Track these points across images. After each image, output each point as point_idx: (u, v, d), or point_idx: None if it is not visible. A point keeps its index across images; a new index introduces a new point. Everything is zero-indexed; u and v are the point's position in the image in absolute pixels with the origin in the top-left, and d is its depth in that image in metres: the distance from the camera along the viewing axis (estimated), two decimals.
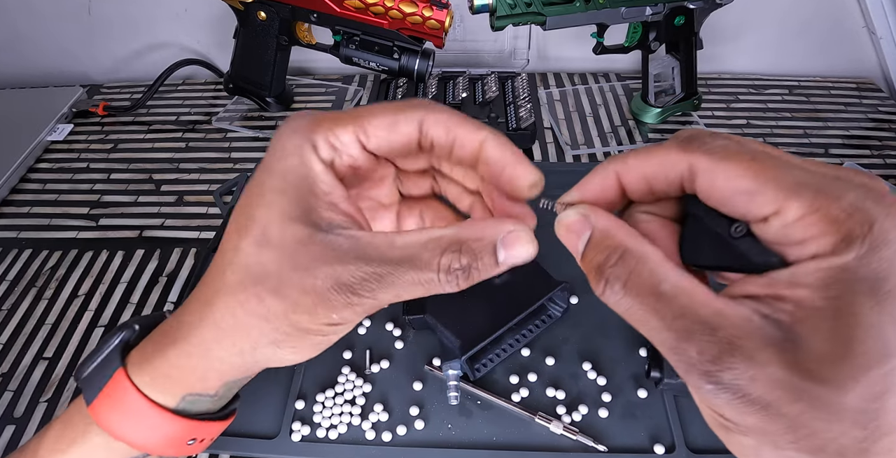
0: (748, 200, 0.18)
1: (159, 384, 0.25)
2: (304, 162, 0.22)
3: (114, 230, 0.63)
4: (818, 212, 0.17)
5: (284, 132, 0.23)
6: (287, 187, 0.22)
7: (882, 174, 0.65)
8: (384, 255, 0.21)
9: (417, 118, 0.23)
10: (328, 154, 0.23)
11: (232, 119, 0.77)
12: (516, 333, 0.49)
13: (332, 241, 0.22)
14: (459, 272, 0.21)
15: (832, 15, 0.82)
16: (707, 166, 0.19)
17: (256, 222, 0.22)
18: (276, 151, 0.23)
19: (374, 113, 0.23)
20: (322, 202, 0.22)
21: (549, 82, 0.83)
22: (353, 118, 0.23)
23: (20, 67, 0.89)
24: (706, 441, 0.43)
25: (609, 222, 0.21)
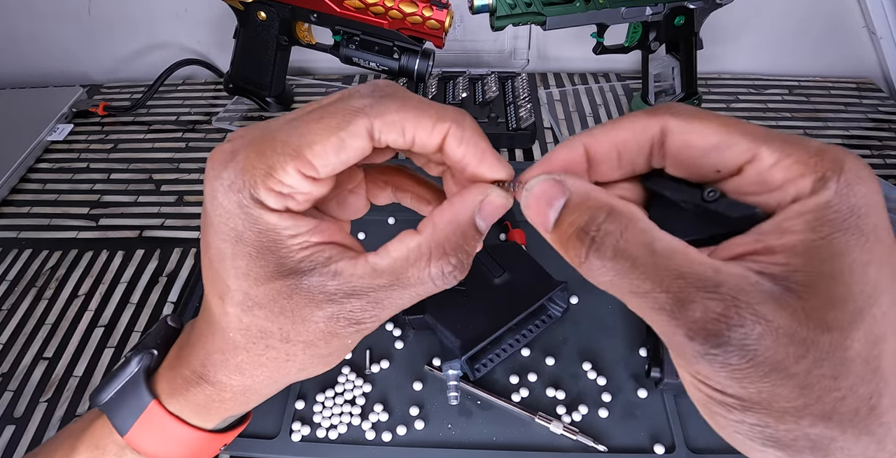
0: (721, 152, 0.19)
1: (200, 412, 0.26)
2: (254, 220, 0.20)
3: (114, 230, 0.63)
4: (791, 156, 0.18)
5: (218, 190, 0.21)
6: (246, 250, 0.21)
7: (882, 174, 0.65)
8: (373, 284, 0.21)
9: (365, 129, 0.20)
10: (277, 203, 0.20)
11: (232, 119, 0.77)
12: (516, 333, 0.49)
13: (315, 285, 0.21)
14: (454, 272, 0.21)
15: (832, 15, 0.82)
16: (678, 126, 0.19)
17: (233, 289, 0.21)
18: (220, 212, 0.21)
19: (313, 138, 0.20)
20: (291, 247, 0.21)
21: (549, 82, 0.83)
22: (290, 154, 0.20)
23: (20, 67, 0.89)
24: (706, 441, 0.43)
25: (587, 185, 0.20)
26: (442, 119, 0.21)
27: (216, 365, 0.24)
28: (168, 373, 0.26)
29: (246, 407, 0.26)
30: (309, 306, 0.21)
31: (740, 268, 0.17)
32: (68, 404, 0.48)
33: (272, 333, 0.22)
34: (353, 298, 0.21)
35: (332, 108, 0.21)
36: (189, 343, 0.26)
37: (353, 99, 0.21)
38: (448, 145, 0.21)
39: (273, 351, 0.22)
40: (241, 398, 0.25)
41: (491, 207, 0.21)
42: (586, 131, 0.21)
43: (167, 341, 0.28)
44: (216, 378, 0.24)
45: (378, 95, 0.21)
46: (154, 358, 0.27)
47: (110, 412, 0.26)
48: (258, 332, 0.22)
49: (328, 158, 0.20)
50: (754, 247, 0.18)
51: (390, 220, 0.60)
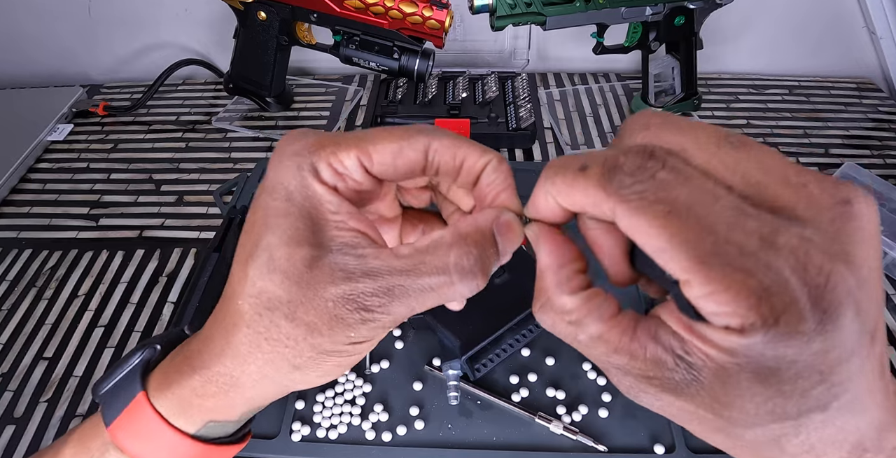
0: (662, 261, 0.17)
1: (182, 411, 0.25)
2: (305, 186, 0.22)
3: (114, 230, 0.63)
4: (728, 290, 0.16)
5: (285, 153, 0.23)
6: (291, 210, 0.22)
7: (882, 174, 0.65)
8: (390, 266, 0.21)
9: (423, 145, 0.23)
10: (331, 179, 0.22)
11: (232, 119, 0.77)
12: (516, 333, 0.49)
13: (338, 261, 0.21)
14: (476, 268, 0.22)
15: (832, 15, 0.82)
16: (624, 216, 0.18)
17: (262, 248, 0.22)
18: (278, 173, 0.22)
19: (378, 138, 0.23)
20: (329, 222, 0.22)
21: (549, 82, 0.83)
22: (356, 143, 0.22)
23: (20, 67, 0.89)
24: (706, 441, 0.43)
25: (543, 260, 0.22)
26: (487, 152, 0.23)
27: (213, 351, 0.24)
28: (163, 366, 0.26)
29: (229, 411, 0.25)
30: (324, 282, 0.21)
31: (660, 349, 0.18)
32: (68, 404, 0.48)
33: (280, 304, 0.22)
34: (368, 278, 0.21)
35: (400, 127, 0.23)
36: (196, 335, 0.26)
37: (418, 125, 0.24)
38: (486, 172, 0.23)
39: (275, 330, 0.22)
40: (225, 397, 0.24)
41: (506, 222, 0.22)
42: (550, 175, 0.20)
43: (174, 341, 0.27)
44: (209, 366, 0.24)
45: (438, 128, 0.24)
46: (156, 353, 0.27)
47: (104, 404, 0.26)
48: (267, 301, 0.22)
49: (386, 157, 0.22)
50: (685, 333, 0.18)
51: None
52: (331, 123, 0.77)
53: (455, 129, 0.70)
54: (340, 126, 0.76)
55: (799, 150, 0.72)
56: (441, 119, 0.70)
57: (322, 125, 0.76)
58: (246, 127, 0.76)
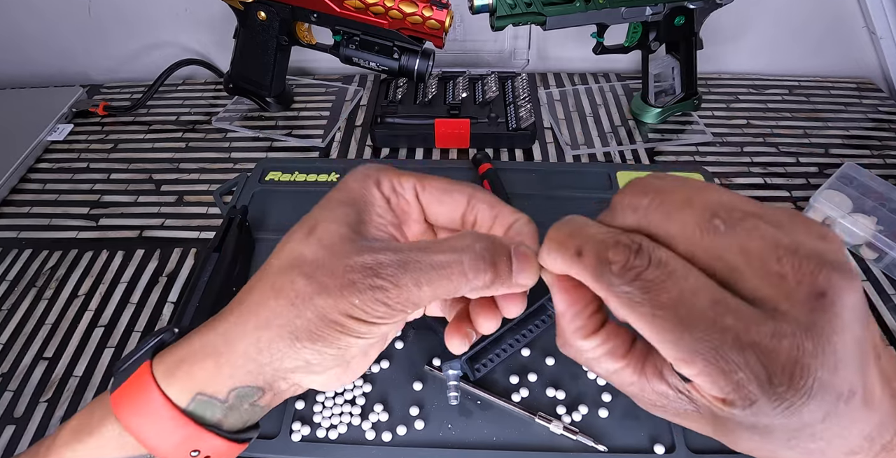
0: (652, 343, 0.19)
1: (173, 374, 0.25)
2: (365, 188, 0.27)
3: (114, 230, 0.63)
4: (710, 376, 0.18)
5: (359, 169, 0.28)
6: (346, 201, 0.26)
7: (882, 174, 0.65)
8: (411, 246, 0.24)
9: (468, 193, 0.27)
10: (388, 191, 0.27)
11: (232, 119, 0.77)
12: (516, 333, 0.49)
13: (368, 244, 0.25)
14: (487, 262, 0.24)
15: (832, 15, 0.82)
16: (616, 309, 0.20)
17: (309, 221, 0.26)
18: (348, 179, 0.27)
19: (433, 177, 0.28)
20: (373, 221, 0.26)
21: (549, 82, 0.83)
22: (416, 175, 0.28)
23: (20, 67, 0.89)
24: (706, 441, 0.43)
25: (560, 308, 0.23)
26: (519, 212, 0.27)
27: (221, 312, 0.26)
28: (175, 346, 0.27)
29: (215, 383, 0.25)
30: (351, 253, 0.24)
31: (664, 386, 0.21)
32: (68, 404, 0.48)
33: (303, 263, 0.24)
34: (389, 251, 0.24)
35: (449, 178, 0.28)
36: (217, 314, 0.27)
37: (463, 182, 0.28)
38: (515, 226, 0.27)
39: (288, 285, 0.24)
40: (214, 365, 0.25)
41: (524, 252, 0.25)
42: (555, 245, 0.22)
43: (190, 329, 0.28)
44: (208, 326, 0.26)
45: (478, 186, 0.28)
46: (174, 335, 0.28)
47: (115, 377, 0.27)
48: (293, 259, 0.24)
49: (436, 191, 0.27)
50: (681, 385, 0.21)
51: None
52: (331, 123, 0.77)
53: (455, 128, 0.70)
54: (340, 126, 0.76)
55: (799, 150, 0.72)
56: (441, 119, 0.70)
57: (322, 125, 0.76)
58: (246, 127, 0.76)
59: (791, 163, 0.71)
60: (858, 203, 0.59)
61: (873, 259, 0.59)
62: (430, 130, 0.70)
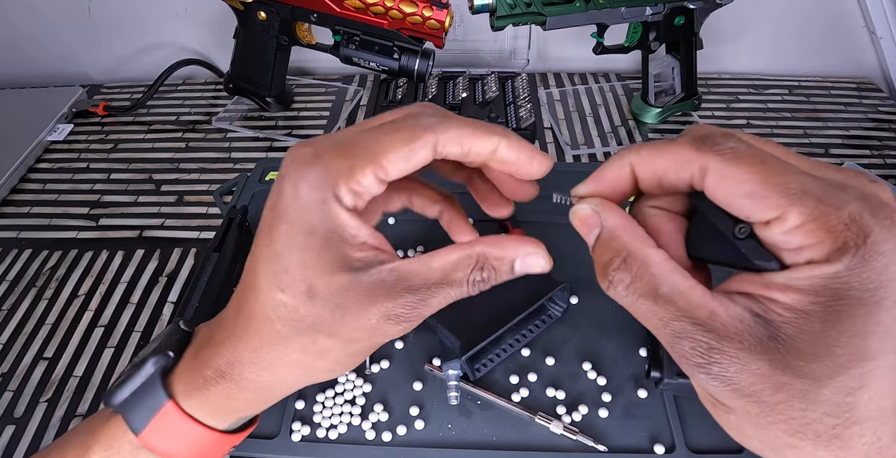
0: (753, 203, 0.19)
1: (215, 413, 0.27)
2: (330, 216, 0.23)
3: (114, 230, 0.63)
4: (817, 221, 0.18)
5: (301, 186, 0.23)
6: (318, 243, 0.23)
7: (882, 174, 0.65)
8: (426, 280, 0.23)
9: (432, 143, 0.24)
10: (352, 201, 0.23)
11: (232, 119, 0.77)
12: (516, 333, 0.49)
13: (375, 280, 0.23)
14: (481, 283, 0.24)
15: (832, 15, 0.82)
16: (717, 168, 0.20)
17: (299, 280, 0.23)
18: (298, 206, 0.23)
19: (388, 147, 0.23)
20: (353, 246, 0.23)
21: (549, 82, 0.83)
22: (369, 159, 0.23)
23: (20, 67, 0.89)
24: (706, 441, 0.43)
25: (616, 222, 0.22)
26: (493, 132, 0.24)
27: (244, 363, 0.25)
28: (186, 374, 0.27)
29: (262, 407, 0.28)
30: (366, 301, 0.23)
31: (739, 308, 0.19)
32: (68, 404, 0.48)
33: (322, 326, 0.23)
34: (408, 293, 0.23)
35: (403, 123, 0.24)
36: (212, 343, 0.27)
37: (422, 118, 0.24)
38: (501, 152, 0.24)
39: (313, 346, 0.24)
40: (262, 396, 0.27)
41: (531, 261, 0.24)
42: (635, 148, 0.23)
43: (182, 345, 0.28)
44: (241, 375, 0.25)
45: (441, 114, 0.24)
46: (170, 360, 0.27)
47: (126, 413, 0.27)
48: (310, 324, 0.23)
49: (398, 164, 0.23)
50: (762, 292, 0.19)
51: (390, 220, 0.60)
52: (331, 123, 0.77)
53: None
54: (340, 126, 0.76)
55: (799, 150, 0.72)
56: None
57: (322, 125, 0.76)
58: (246, 127, 0.76)
59: None
60: None
61: None
62: None
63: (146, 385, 0.27)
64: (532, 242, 0.24)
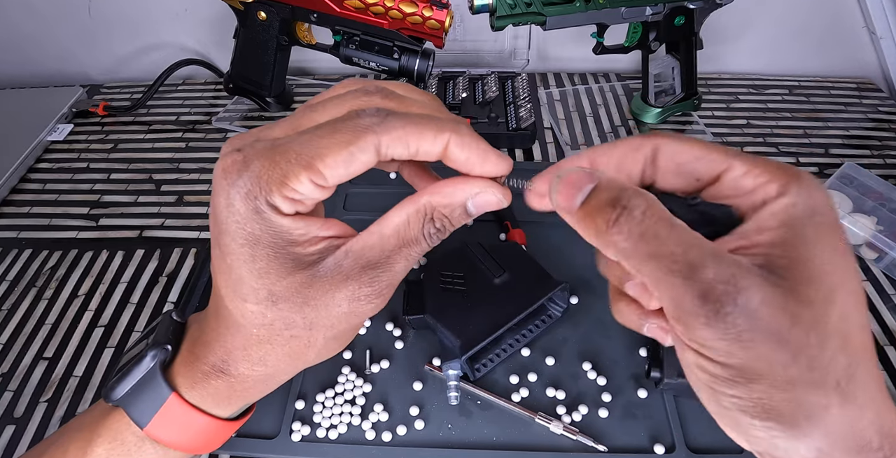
0: (703, 163, 0.22)
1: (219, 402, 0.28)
2: (271, 225, 0.22)
3: (114, 230, 0.63)
4: (758, 167, 0.21)
5: (235, 197, 0.22)
6: (266, 251, 0.23)
7: (882, 174, 0.64)
8: (383, 249, 0.23)
9: (373, 145, 0.22)
10: (290, 208, 0.22)
11: (232, 119, 0.77)
12: (516, 333, 0.49)
13: (332, 268, 0.23)
14: (438, 233, 0.24)
15: (832, 15, 0.82)
16: (667, 144, 0.23)
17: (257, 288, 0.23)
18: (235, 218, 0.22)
19: (324, 151, 0.21)
20: (302, 244, 0.23)
21: (549, 82, 0.83)
22: (303, 165, 0.21)
23: (20, 67, 0.89)
24: (706, 441, 0.43)
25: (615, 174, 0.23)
26: (441, 130, 0.23)
27: (238, 360, 0.26)
28: (185, 368, 0.27)
29: (264, 393, 0.28)
30: (330, 291, 0.23)
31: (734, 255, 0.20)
32: (68, 404, 0.48)
33: (296, 323, 0.24)
34: (370, 269, 0.23)
35: (342, 124, 0.22)
36: (203, 341, 0.27)
37: (362, 118, 0.22)
38: (451, 152, 0.23)
39: (296, 340, 0.25)
40: (262, 386, 0.27)
41: (483, 200, 0.24)
42: (590, 148, 0.25)
43: (177, 337, 0.29)
44: (238, 371, 0.26)
45: (383, 113, 0.22)
46: (168, 354, 0.28)
47: (128, 407, 0.27)
48: (283, 324, 0.24)
49: (338, 169, 0.22)
50: (740, 243, 0.21)
51: None
52: None
53: None
54: None
55: (799, 150, 0.72)
56: None
57: None
58: (246, 127, 0.76)
59: (791, 163, 0.71)
60: (858, 203, 0.59)
61: (873, 259, 0.59)
62: None
63: (147, 379, 0.27)
64: (478, 180, 0.24)
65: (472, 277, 0.48)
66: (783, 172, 0.21)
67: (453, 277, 0.49)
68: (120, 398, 0.27)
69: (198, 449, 0.29)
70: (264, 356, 0.25)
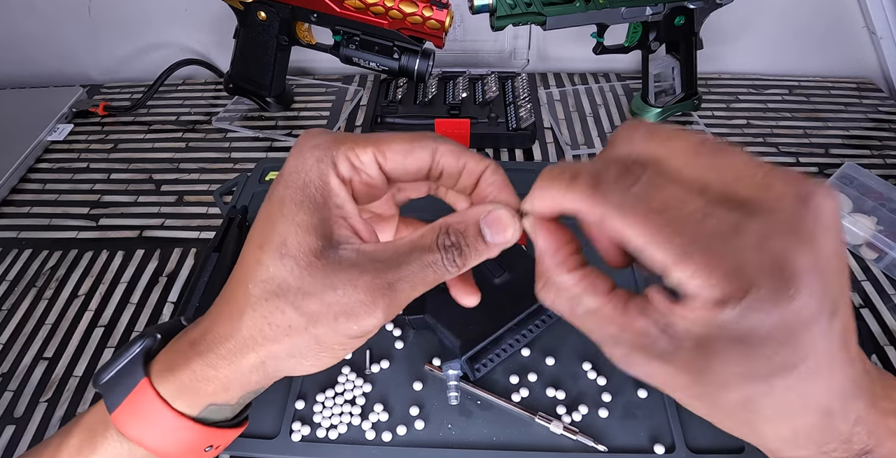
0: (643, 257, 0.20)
1: (184, 395, 0.26)
2: (322, 177, 0.24)
3: (114, 230, 0.63)
4: (701, 277, 0.18)
5: (305, 146, 0.25)
6: (305, 199, 0.24)
7: (882, 174, 0.64)
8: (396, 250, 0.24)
9: (431, 147, 0.25)
10: (348, 172, 0.24)
11: (232, 119, 0.77)
12: (516, 333, 0.49)
13: (341, 256, 0.23)
14: (454, 250, 0.24)
15: (832, 15, 0.82)
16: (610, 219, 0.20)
17: (276, 233, 0.24)
18: (298, 163, 0.24)
19: (391, 139, 0.25)
20: (334, 216, 0.24)
21: (549, 82, 0.83)
22: (372, 142, 0.25)
23: (20, 67, 0.89)
24: (706, 441, 0.43)
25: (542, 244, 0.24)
26: (486, 159, 0.26)
27: (214, 333, 0.25)
28: (165, 353, 0.27)
29: (228, 394, 0.26)
30: (332, 271, 0.23)
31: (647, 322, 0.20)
32: (68, 404, 0.48)
33: (288, 291, 0.23)
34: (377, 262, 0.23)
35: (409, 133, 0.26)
36: (196, 323, 0.27)
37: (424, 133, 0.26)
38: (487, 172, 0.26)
39: (279, 315, 0.23)
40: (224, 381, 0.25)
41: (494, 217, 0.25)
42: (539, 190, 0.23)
43: (173, 331, 0.28)
44: (209, 347, 0.25)
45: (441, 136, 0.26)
46: (156, 342, 0.27)
47: (106, 392, 0.26)
48: (277, 287, 0.23)
49: (398, 155, 0.25)
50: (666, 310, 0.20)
51: None
52: (331, 123, 0.77)
53: (455, 128, 0.70)
54: (340, 126, 0.76)
55: (799, 150, 0.72)
56: (441, 119, 0.70)
57: (322, 125, 0.76)
58: (246, 127, 0.76)
59: (791, 163, 0.71)
60: (858, 203, 0.59)
61: (873, 259, 0.59)
62: (431, 130, 0.70)
63: (128, 365, 0.26)
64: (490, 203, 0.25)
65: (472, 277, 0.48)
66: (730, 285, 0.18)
67: None
68: (102, 383, 0.27)
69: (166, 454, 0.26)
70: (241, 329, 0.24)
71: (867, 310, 0.54)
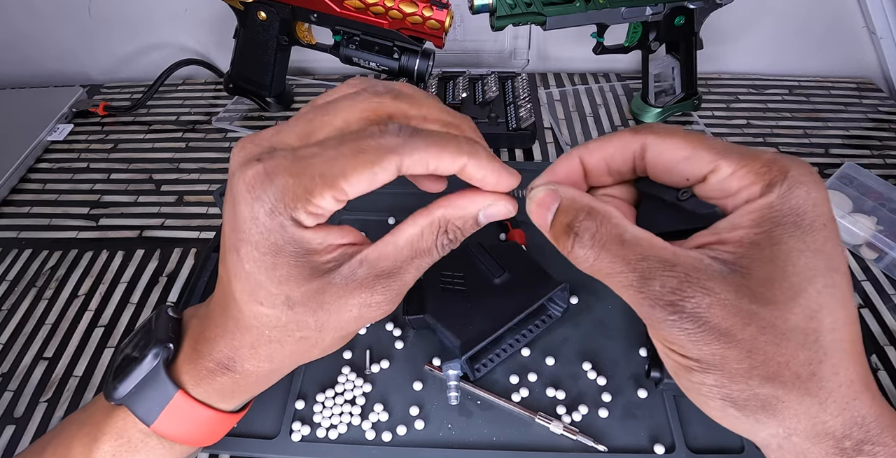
0: (691, 164, 0.23)
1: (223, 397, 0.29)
2: (294, 237, 0.23)
3: (114, 230, 0.63)
4: (745, 167, 0.21)
5: (260, 211, 0.23)
6: (287, 260, 0.24)
7: (882, 174, 0.64)
8: (396, 260, 0.25)
9: (395, 165, 0.23)
10: (312, 222, 0.24)
11: (232, 119, 0.77)
12: (516, 333, 0.49)
13: (347, 276, 0.24)
14: (449, 244, 0.26)
15: (832, 15, 0.82)
16: (655, 142, 0.23)
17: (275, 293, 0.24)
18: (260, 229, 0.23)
19: (348, 171, 0.22)
20: (320, 253, 0.24)
21: (549, 82, 0.83)
22: (327, 184, 0.22)
23: (20, 67, 0.89)
24: (706, 441, 0.43)
25: (574, 192, 0.24)
26: (459, 153, 0.24)
27: (244, 358, 0.27)
28: (189, 366, 0.28)
29: (266, 386, 0.30)
30: (343, 297, 0.24)
31: (697, 253, 0.21)
32: (68, 404, 0.48)
33: (308, 325, 0.25)
34: (382, 279, 0.24)
35: (366, 144, 0.23)
36: (206, 337, 0.28)
37: (385, 137, 0.23)
38: (468, 171, 0.25)
39: (305, 341, 0.26)
40: (265, 381, 0.29)
41: (494, 210, 0.26)
42: (581, 145, 0.25)
43: (177, 334, 0.29)
44: (244, 368, 0.27)
45: (407, 133, 0.24)
46: (171, 352, 0.28)
47: (132, 405, 0.28)
48: (295, 327, 0.25)
49: (360, 186, 0.23)
50: (711, 239, 0.22)
51: (390, 220, 0.60)
52: None
53: None
54: None
55: (799, 150, 0.72)
56: None
57: None
58: (246, 127, 0.76)
59: None
60: (858, 203, 0.59)
61: (873, 259, 0.59)
62: None
63: (150, 378, 0.28)
64: (490, 193, 0.26)
65: (472, 277, 0.49)
66: (770, 172, 0.21)
67: (453, 277, 0.49)
68: (123, 397, 0.28)
69: (202, 442, 0.30)
70: (271, 354, 0.26)
71: (867, 310, 0.54)
